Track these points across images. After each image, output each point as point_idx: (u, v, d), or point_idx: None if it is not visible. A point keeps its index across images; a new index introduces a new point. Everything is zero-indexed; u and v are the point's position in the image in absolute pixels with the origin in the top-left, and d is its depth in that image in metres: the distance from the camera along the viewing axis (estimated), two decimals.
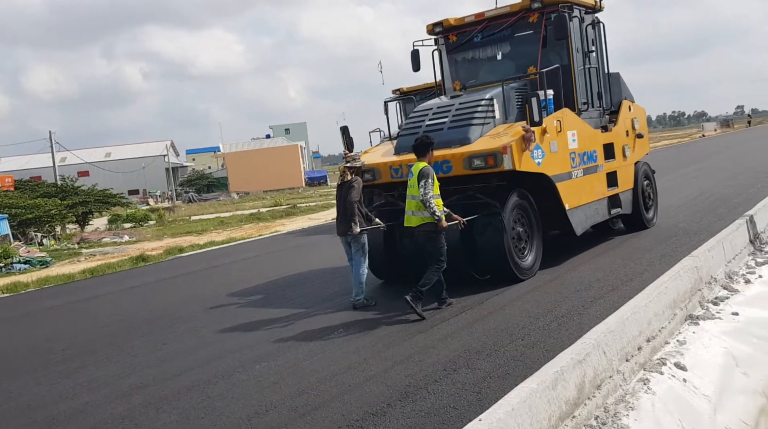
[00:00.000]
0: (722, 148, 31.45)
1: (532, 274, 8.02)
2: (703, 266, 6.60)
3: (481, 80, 9.46)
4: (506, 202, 7.71)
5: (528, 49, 8.98)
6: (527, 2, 8.88)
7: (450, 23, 9.54)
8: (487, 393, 4.49)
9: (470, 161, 7.58)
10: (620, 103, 10.11)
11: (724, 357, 5.24)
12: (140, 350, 6.97)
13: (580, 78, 9.14)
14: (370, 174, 8.37)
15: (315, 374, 5.35)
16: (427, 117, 8.53)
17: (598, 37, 9.63)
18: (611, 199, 9.53)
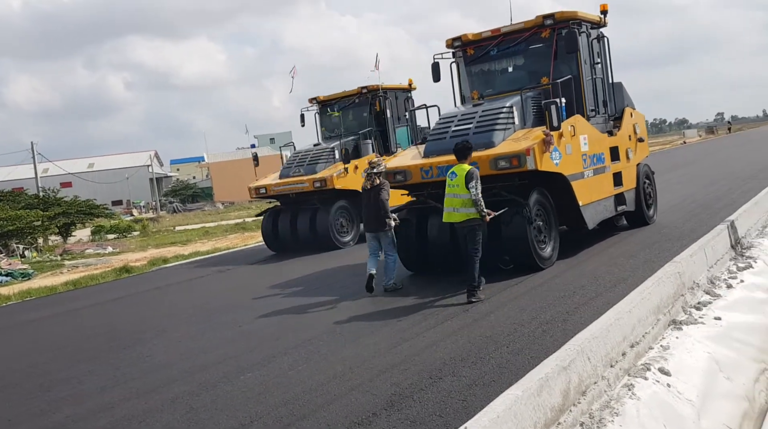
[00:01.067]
0: (703, 155, 31.81)
1: (551, 264, 8.84)
2: (686, 272, 6.65)
3: (497, 90, 10.35)
4: (528, 198, 8.55)
5: (540, 61, 9.93)
6: (540, 19, 9.81)
7: (468, 38, 10.46)
8: (472, 401, 4.48)
9: (496, 162, 8.48)
10: (623, 110, 11.09)
11: (708, 362, 5.27)
12: (123, 362, 6.89)
13: (588, 87, 10.07)
14: (401, 175, 9.36)
15: (300, 384, 5.32)
16: (453, 123, 9.41)
17: (602, 50, 10.55)
18: (617, 197, 10.41)
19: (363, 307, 7.96)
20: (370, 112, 15.45)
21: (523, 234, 8.42)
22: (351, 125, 15.67)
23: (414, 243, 9.38)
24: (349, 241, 14.10)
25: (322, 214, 13.81)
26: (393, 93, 15.75)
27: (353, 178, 13.72)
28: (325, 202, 13.93)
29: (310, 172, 14.10)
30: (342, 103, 15.82)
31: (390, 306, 7.74)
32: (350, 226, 14.21)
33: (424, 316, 7.05)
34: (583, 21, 9.93)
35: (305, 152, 14.91)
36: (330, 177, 13.58)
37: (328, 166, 14.09)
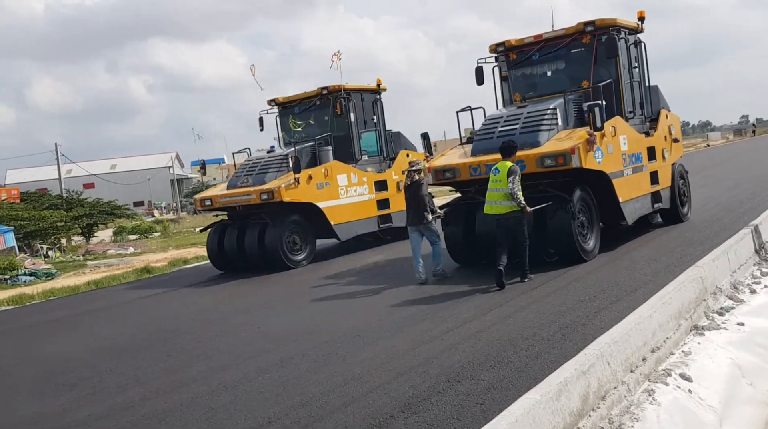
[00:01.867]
0: (726, 158, 31.41)
1: (594, 257, 9.34)
2: (708, 276, 6.56)
3: (538, 92, 10.84)
4: (573, 194, 9.10)
5: (581, 66, 10.45)
6: (581, 26, 10.30)
7: (511, 44, 10.96)
8: (490, 404, 4.47)
9: (542, 161, 8.97)
10: (659, 112, 11.58)
11: (730, 367, 5.21)
12: (144, 362, 6.96)
13: (626, 90, 10.58)
14: (450, 173, 9.87)
15: (318, 386, 5.34)
16: (499, 124, 9.92)
17: (639, 55, 11.09)
18: (654, 195, 10.90)
19: (381, 309, 7.96)
20: (332, 115, 13.85)
21: (567, 228, 8.93)
22: (313, 130, 14.14)
23: (461, 237, 9.92)
24: (302, 259, 12.64)
25: (272, 229, 12.30)
26: (358, 94, 14.34)
27: (306, 189, 12.46)
28: (275, 216, 12.47)
29: (258, 183, 12.68)
30: (302, 105, 14.45)
31: (410, 307, 7.75)
32: (304, 244, 12.78)
33: (443, 318, 7.04)
34: (621, 27, 10.46)
35: (256, 160, 13.53)
36: (278, 189, 12.09)
37: (279, 175, 12.69)
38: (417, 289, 8.85)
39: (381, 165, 14.55)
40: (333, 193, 12.95)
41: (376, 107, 14.70)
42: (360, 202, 13.59)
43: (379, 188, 14.11)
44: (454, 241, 10.07)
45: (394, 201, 14.12)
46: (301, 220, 12.71)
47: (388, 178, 14.35)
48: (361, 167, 14.00)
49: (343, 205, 13.20)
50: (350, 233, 13.45)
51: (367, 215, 13.77)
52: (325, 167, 12.96)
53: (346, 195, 13.28)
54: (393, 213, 14.19)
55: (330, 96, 13.89)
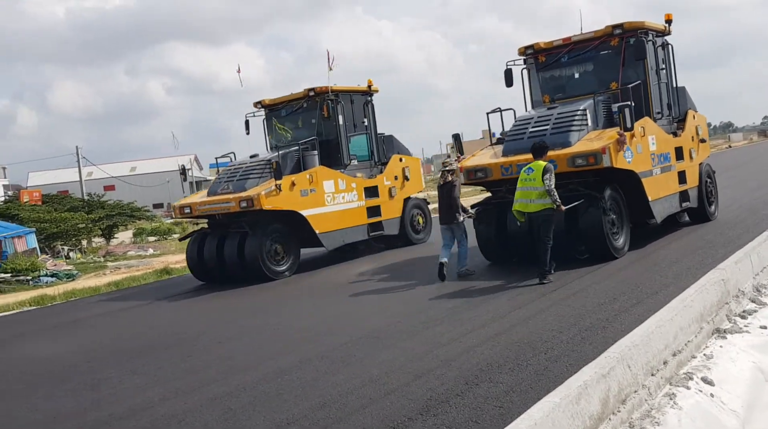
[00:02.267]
0: (749, 159, 31.01)
1: (623, 254, 9.52)
2: (731, 279, 6.48)
3: (567, 94, 11.02)
4: (603, 193, 9.30)
5: (609, 68, 10.62)
6: (610, 29, 10.51)
7: (540, 46, 11.20)
8: (509, 407, 4.44)
9: (573, 160, 9.17)
10: (686, 112, 11.73)
11: (753, 371, 5.14)
12: (165, 362, 7.02)
13: (654, 91, 10.75)
14: (482, 173, 10.08)
15: (336, 387, 5.34)
16: (530, 125, 10.10)
17: (667, 57, 11.30)
18: (682, 194, 11.10)
19: (399, 311, 7.95)
20: (319, 117, 13.19)
21: (598, 225, 9.15)
22: (300, 133, 13.51)
23: (493, 235, 10.16)
24: (284, 270, 11.96)
25: (252, 239, 11.63)
26: (347, 96, 13.64)
27: (288, 196, 11.78)
28: (256, 225, 11.81)
29: (238, 190, 11.97)
30: (289, 107, 13.82)
31: (428, 310, 7.73)
32: (287, 254, 12.09)
33: (462, 321, 7.02)
34: (649, 30, 10.66)
35: (238, 165, 12.83)
36: (257, 196, 11.38)
37: (261, 182, 11.97)
38: (434, 292, 8.83)
39: (372, 170, 13.95)
40: (319, 200, 12.34)
41: (367, 109, 14.04)
42: (348, 210, 12.96)
43: (369, 194, 13.49)
44: (486, 240, 10.32)
45: (386, 208, 13.74)
46: (283, 228, 12.07)
47: (380, 183, 13.78)
48: (350, 173, 13.32)
49: (330, 213, 12.56)
50: (337, 242, 12.83)
51: (356, 223, 13.15)
52: (309, 173, 12.30)
53: (333, 202, 12.65)
54: (384, 220, 13.68)
55: (317, 98, 13.23)
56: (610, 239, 9.34)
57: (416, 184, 14.82)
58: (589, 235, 9.28)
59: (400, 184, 14.18)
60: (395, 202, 14.02)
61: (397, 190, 14.06)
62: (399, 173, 14.23)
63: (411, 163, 14.71)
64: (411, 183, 14.52)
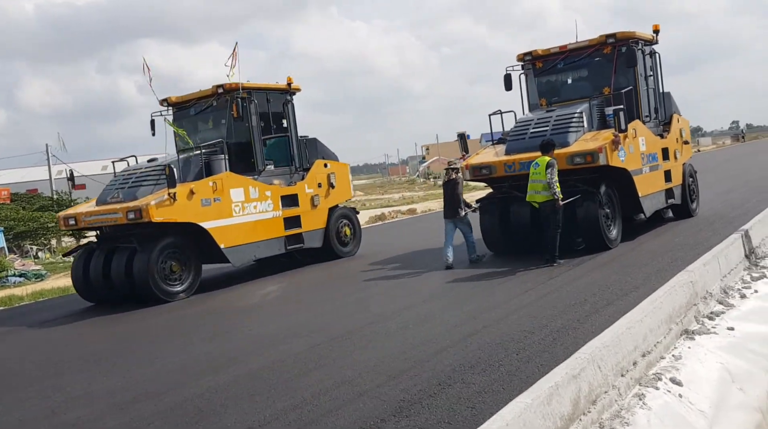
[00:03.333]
0: (718, 163, 31.58)
1: (617, 245, 10.35)
2: (699, 281, 6.59)
3: (562, 98, 11.84)
4: (599, 188, 10.10)
5: (602, 74, 11.48)
6: (603, 38, 11.33)
7: (538, 53, 11.95)
8: (481, 408, 4.46)
9: (572, 158, 9.95)
10: (671, 116, 12.68)
11: (720, 372, 5.23)
12: (133, 365, 6.92)
13: (643, 96, 11.63)
14: (487, 170, 10.77)
15: (309, 389, 5.32)
16: (530, 126, 10.87)
17: (654, 64, 12.14)
18: (667, 192, 12.00)
19: (373, 313, 7.95)
20: (229, 118, 11.78)
21: (595, 218, 9.96)
22: (210, 135, 12.13)
23: (497, 227, 10.89)
24: (180, 291, 10.47)
25: (141, 255, 10.13)
26: (263, 94, 12.28)
27: (185, 206, 10.35)
28: (146, 239, 10.31)
29: (129, 198, 10.52)
30: (198, 105, 12.39)
31: (402, 312, 7.73)
32: (184, 272, 10.58)
33: (435, 322, 7.04)
34: (639, 39, 11.51)
35: (133, 171, 11.39)
36: (146, 206, 9.91)
37: (157, 190, 10.49)
38: (408, 295, 8.85)
39: (292, 176, 12.55)
40: (224, 210, 10.91)
41: (286, 110, 12.67)
42: (261, 221, 11.56)
43: (287, 204, 12.11)
44: (490, 232, 11.01)
45: (307, 218, 12.40)
46: (181, 243, 10.56)
47: (300, 191, 12.39)
48: (266, 179, 11.96)
49: (238, 225, 11.15)
50: (247, 257, 11.53)
51: (271, 236, 11.74)
52: (213, 180, 10.88)
53: (243, 212, 11.23)
54: (305, 232, 12.33)
55: (227, 96, 11.80)
56: (605, 231, 10.12)
57: (343, 192, 13.46)
58: (586, 227, 10.06)
59: (324, 192, 12.83)
60: (318, 211, 12.65)
61: (320, 198, 12.70)
62: (323, 180, 12.88)
63: (338, 168, 13.33)
64: (337, 191, 13.15)
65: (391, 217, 23.41)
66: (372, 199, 39.50)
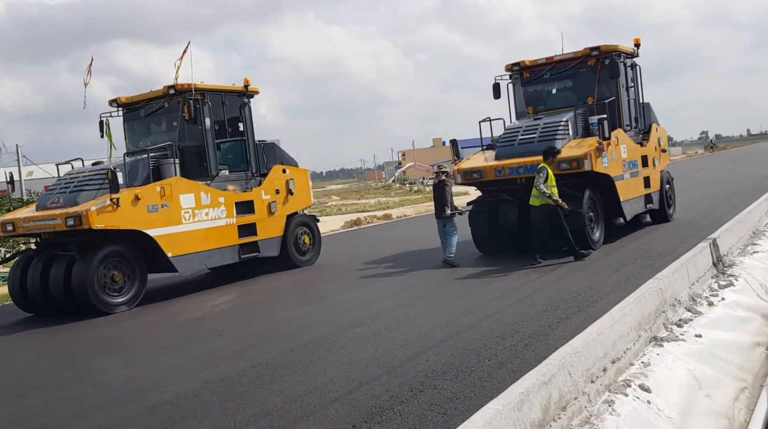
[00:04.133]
0: (687, 172, 32.12)
1: (599, 246, 10.89)
2: (668, 288, 6.69)
3: (548, 107, 12.46)
4: (584, 193, 10.68)
5: (586, 84, 12.08)
6: (588, 50, 11.94)
7: (525, 64, 12.60)
8: (452, 414, 4.46)
9: (560, 164, 10.42)
10: (650, 125, 13.32)
11: (688, 379, 5.30)
12: (100, 371, 6.80)
13: (625, 106, 12.25)
14: (477, 174, 11.34)
15: (279, 395, 5.27)
16: (519, 133, 11.46)
17: (635, 76, 12.84)
18: (647, 197, 12.55)
19: (345, 319, 7.92)
20: (181, 120, 11.24)
21: (579, 220, 10.42)
22: (162, 138, 11.64)
23: (487, 229, 11.43)
24: (122, 303, 9.88)
25: (80, 264, 9.56)
26: (218, 96, 11.76)
27: (130, 212, 9.81)
28: (86, 247, 9.72)
29: (69, 203, 9.98)
30: (149, 107, 11.89)
31: (374, 318, 7.72)
32: (128, 282, 10.03)
33: (408, 328, 7.04)
34: (622, 52, 12.11)
35: (76, 174, 10.79)
36: (86, 212, 9.34)
37: (100, 194, 9.94)
38: (380, 301, 8.84)
39: (248, 182, 12.10)
40: (173, 217, 10.40)
41: (243, 113, 12.20)
42: (213, 228, 11.04)
43: (242, 211, 11.63)
44: (480, 234, 11.58)
45: (263, 226, 11.91)
46: (125, 251, 10.00)
47: (256, 198, 11.90)
48: (219, 185, 11.47)
49: (188, 232, 10.62)
50: (197, 267, 10.97)
51: (224, 244, 11.23)
52: (161, 185, 10.36)
53: (193, 219, 10.72)
54: (261, 240, 11.86)
55: (179, 97, 11.31)
56: (589, 233, 10.64)
57: (303, 199, 12.99)
58: (571, 229, 10.33)
59: (282, 199, 12.35)
60: (276, 219, 12.19)
61: (278, 205, 12.23)
62: (281, 186, 12.40)
63: (297, 174, 12.84)
64: (296, 197, 12.65)
65: (366, 223, 23.40)
66: (348, 203, 39.45)
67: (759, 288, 8.27)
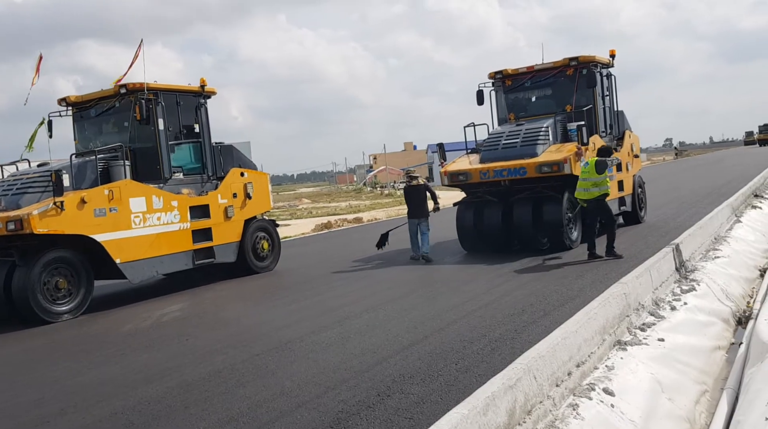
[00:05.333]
0: (651, 179, 32.71)
1: (577, 246, 11.43)
2: (632, 293, 6.77)
3: (529, 113, 13.15)
4: (563, 195, 11.22)
5: (565, 92, 12.77)
6: (567, 61, 12.64)
7: (507, 72, 13.27)
8: (419, 419, 4.47)
9: (541, 168, 11.05)
10: (624, 132, 14.06)
11: (650, 382, 5.36)
12: (61, 376, 6.65)
13: (600, 114, 12.93)
14: (463, 176, 11.88)
15: (246, 400, 5.22)
16: (502, 138, 12.04)
17: (611, 85, 13.55)
18: (620, 200, 13.21)
19: (313, 324, 7.87)
20: (132, 120, 10.90)
21: (559, 221, 11.11)
22: (112, 138, 11.31)
23: (472, 229, 11.97)
24: (66, 311, 9.48)
25: (21, 270, 9.14)
26: (172, 96, 11.37)
27: (75, 216, 9.42)
28: (28, 253, 9.28)
29: (12, 207, 9.61)
30: (99, 107, 11.51)
31: (343, 322, 7.69)
32: (74, 289, 9.62)
33: (376, 333, 7.02)
34: (598, 63, 12.83)
35: (19, 176, 10.40)
36: (27, 216, 8.93)
37: (44, 198, 9.53)
38: (350, 304, 8.81)
39: (204, 186, 11.72)
40: (121, 221, 10.00)
41: (199, 113, 11.84)
42: (165, 233, 10.67)
43: (197, 215, 11.26)
44: (465, 232, 12.14)
45: (219, 231, 11.55)
46: (70, 257, 9.61)
47: (212, 201, 11.55)
48: (173, 188, 11.08)
49: (138, 238, 10.23)
50: (147, 273, 10.58)
51: (177, 249, 10.86)
52: (109, 187, 9.98)
53: (144, 224, 10.33)
54: (216, 246, 11.50)
55: (131, 96, 10.91)
56: (567, 233, 11.26)
57: (262, 203, 12.64)
58: (551, 229, 11.17)
59: (239, 203, 12.01)
60: (232, 223, 11.84)
61: (235, 209, 11.90)
62: (239, 190, 12.05)
63: (256, 178, 12.54)
64: (255, 202, 12.33)
65: (337, 226, 23.35)
66: (319, 206, 39.34)
67: (720, 293, 8.42)
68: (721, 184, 22.58)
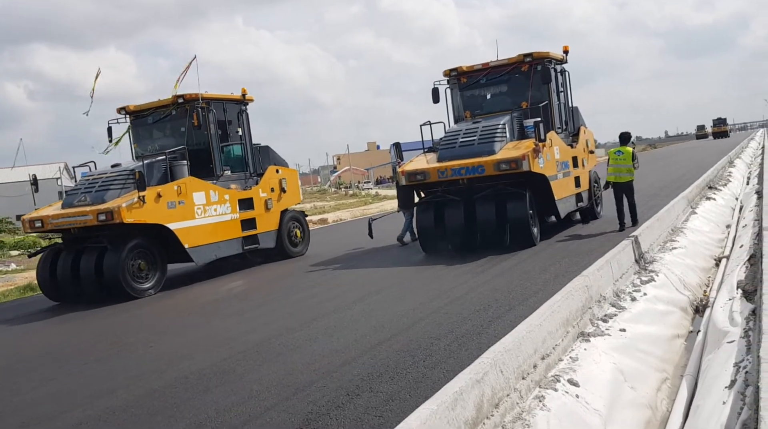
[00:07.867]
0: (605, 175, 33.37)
1: (538, 242, 11.48)
2: (593, 285, 6.90)
3: (485, 110, 13.05)
4: (526, 192, 11.26)
5: (520, 89, 12.72)
6: (521, 57, 12.59)
7: (462, 69, 13.12)
8: (388, 416, 4.49)
9: (499, 165, 10.93)
10: (579, 128, 14.07)
11: (613, 372, 5.48)
12: (23, 388, 6.49)
13: (556, 110, 12.91)
14: (421, 176, 11.65)
15: (214, 405, 5.18)
16: (459, 136, 11.90)
17: (565, 81, 13.55)
18: (577, 196, 13.26)
19: (280, 325, 7.84)
20: (189, 126, 12.67)
21: (525, 217, 11.14)
22: (168, 143, 13.04)
23: (432, 229, 11.75)
24: (149, 288, 11.24)
25: (111, 255, 10.85)
26: (220, 104, 13.22)
27: (153, 208, 11.14)
28: (116, 239, 11.04)
29: (97, 201, 11.18)
30: (157, 114, 13.25)
31: (310, 323, 7.67)
32: (152, 270, 11.36)
33: (343, 334, 7.03)
34: (552, 59, 12.81)
35: (98, 175, 12.03)
36: (118, 208, 10.61)
37: (123, 193, 11.24)
38: (317, 305, 8.80)
39: (247, 181, 13.56)
40: (188, 212, 11.75)
41: (241, 119, 13.69)
42: (221, 223, 12.45)
43: (244, 207, 13.04)
44: (424, 233, 11.92)
45: (262, 221, 13.35)
46: (148, 243, 11.34)
47: (255, 195, 13.38)
48: (224, 184, 12.88)
49: (200, 226, 11.99)
50: (208, 257, 12.28)
51: (230, 236, 12.62)
52: (178, 184, 11.72)
53: (204, 214, 12.09)
54: (260, 234, 13.29)
55: (187, 105, 12.71)
56: (531, 228, 11.26)
57: (294, 196, 14.53)
58: (516, 226, 11.20)
59: (276, 196, 13.87)
60: (271, 214, 13.63)
61: (273, 202, 13.72)
62: (275, 185, 13.93)
63: (288, 174, 14.45)
64: (288, 195, 14.21)
65: None
66: None
67: (678, 282, 8.64)
68: (676, 178, 23.15)
